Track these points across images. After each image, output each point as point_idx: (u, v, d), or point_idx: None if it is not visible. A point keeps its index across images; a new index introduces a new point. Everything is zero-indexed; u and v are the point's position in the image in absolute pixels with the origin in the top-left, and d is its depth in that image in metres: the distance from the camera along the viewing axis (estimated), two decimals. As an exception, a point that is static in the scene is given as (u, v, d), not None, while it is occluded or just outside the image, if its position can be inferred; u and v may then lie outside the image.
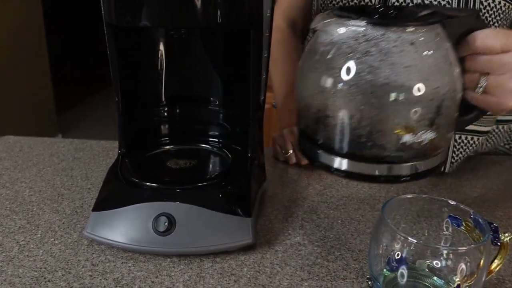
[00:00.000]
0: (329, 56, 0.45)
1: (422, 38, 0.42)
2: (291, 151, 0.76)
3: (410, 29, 0.42)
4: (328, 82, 0.44)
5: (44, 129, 2.75)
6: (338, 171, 0.47)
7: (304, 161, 0.75)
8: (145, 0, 0.51)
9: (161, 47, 0.64)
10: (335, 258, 0.52)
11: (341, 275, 0.49)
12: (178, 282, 0.48)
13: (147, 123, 0.68)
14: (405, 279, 0.42)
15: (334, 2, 0.75)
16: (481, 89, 0.47)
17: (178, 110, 0.68)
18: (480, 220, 0.42)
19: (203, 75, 0.67)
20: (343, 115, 0.44)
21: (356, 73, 0.42)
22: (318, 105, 0.46)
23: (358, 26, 0.43)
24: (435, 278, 0.45)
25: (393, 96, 0.41)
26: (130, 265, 0.50)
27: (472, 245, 0.39)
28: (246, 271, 0.50)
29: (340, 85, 0.43)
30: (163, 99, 0.67)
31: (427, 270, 0.45)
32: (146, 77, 0.66)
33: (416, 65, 0.42)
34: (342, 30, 0.45)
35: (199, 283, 0.48)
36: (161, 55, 0.64)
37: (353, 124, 0.43)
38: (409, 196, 0.46)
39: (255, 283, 0.48)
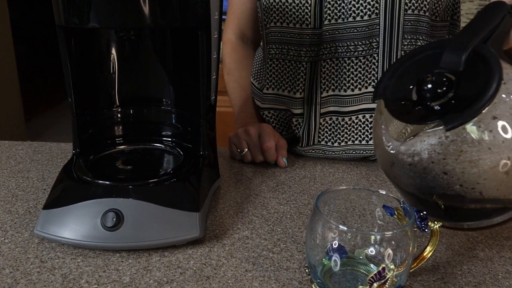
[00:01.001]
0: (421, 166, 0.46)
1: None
2: (246, 150, 0.78)
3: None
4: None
5: (13, 136, 2.70)
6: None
7: (259, 158, 0.77)
8: (92, 2, 0.52)
9: (113, 49, 0.65)
10: (280, 250, 0.54)
11: (284, 265, 0.51)
12: (125, 275, 0.49)
13: (101, 123, 0.69)
14: (338, 267, 0.45)
15: (274, 9, 0.79)
16: None
17: (131, 111, 0.69)
18: (408, 208, 0.45)
19: (155, 76, 0.68)
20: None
21: (460, 173, 0.44)
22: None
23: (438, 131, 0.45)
24: (371, 265, 0.48)
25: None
26: (79, 260, 0.51)
27: (397, 230, 0.42)
28: (192, 263, 0.51)
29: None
30: (117, 100, 0.69)
31: (361, 258, 0.47)
32: (99, 78, 0.67)
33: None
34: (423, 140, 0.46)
35: (145, 276, 0.49)
36: (113, 57, 0.66)
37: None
38: (342, 187, 0.48)
39: (200, 275, 0.49)
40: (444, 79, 0.44)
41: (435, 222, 0.47)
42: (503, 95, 0.43)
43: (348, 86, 0.77)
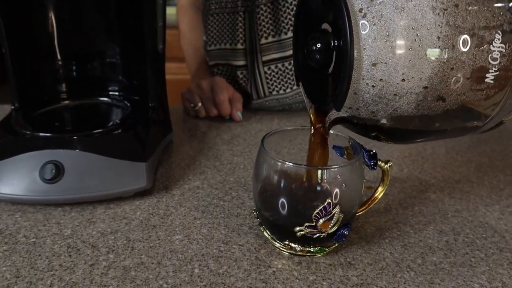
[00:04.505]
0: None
1: None
2: (199, 104, 0.76)
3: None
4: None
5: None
6: None
7: (213, 112, 0.75)
8: None
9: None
10: (231, 198, 0.53)
11: (234, 212, 0.50)
12: (66, 228, 0.46)
13: (43, 78, 0.65)
14: (285, 210, 0.43)
15: None
16: None
17: (75, 64, 0.65)
18: (356, 145, 0.43)
19: (98, 26, 0.64)
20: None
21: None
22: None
23: None
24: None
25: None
26: (17, 216, 0.48)
27: (343, 164, 0.40)
28: (139, 214, 0.49)
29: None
30: (58, 53, 0.64)
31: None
32: (37, 28, 0.63)
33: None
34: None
35: (88, 227, 0.47)
36: (50, 6, 0.61)
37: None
38: (289, 128, 0.46)
39: (146, 224, 0.47)
40: (323, 35, 0.37)
41: (386, 161, 0.46)
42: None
43: (288, 28, 0.76)
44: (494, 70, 0.34)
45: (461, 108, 0.35)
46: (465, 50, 0.33)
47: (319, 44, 0.36)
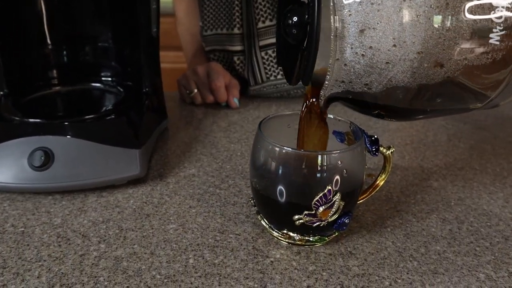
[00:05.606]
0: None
1: None
2: (195, 91, 0.74)
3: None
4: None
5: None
6: None
7: (209, 98, 0.73)
8: None
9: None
10: (228, 186, 0.51)
11: (231, 200, 0.48)
12: (56, 217, 0.45)
13: (34, 63, 0.63)
14: (284, 198, 0.41)
15: None
16: None
17: (66, 49, 0.63)
18: (357, 130, 0.42)
19: (90, 10, 0.62)
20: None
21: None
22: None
23: None
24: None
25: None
26: (5, 205, 0.47)
27: (344, 149, 0.39)
28: (132, 202, 0.48)
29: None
30: (48, 38, 0.62)
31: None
32: (27, 13, 0.60)
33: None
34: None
35: (79, 216, 0.45)
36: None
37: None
38: (288, 113, 0.45)
39: (140, 213, 0.46)
40: (299, 7, 0.35)
41: (388, 147, 0.44)
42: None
43: None
44: (499, 29, 0.30)
45: (465, 76, 0.32)
46: (462, 7, 0.29)
47: (295, 17, 0.33)
